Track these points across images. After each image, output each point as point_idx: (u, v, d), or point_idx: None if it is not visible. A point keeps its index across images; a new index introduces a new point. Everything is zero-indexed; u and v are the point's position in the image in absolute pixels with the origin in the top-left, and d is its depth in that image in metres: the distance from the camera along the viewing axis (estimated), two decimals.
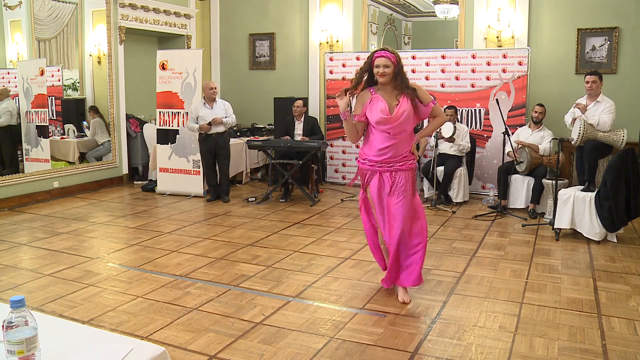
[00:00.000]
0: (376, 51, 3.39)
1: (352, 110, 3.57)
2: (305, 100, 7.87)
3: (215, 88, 6.74)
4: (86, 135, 7.67)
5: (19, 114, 6.98)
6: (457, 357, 2.79)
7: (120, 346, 1.48)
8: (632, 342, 2.95)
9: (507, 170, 6.15)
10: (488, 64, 6.93)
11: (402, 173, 3.44)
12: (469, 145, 6.59)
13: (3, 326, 1.37)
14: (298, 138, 7.04)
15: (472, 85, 7.03)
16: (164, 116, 7.24)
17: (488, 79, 6.93)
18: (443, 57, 7.20)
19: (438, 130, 6.22)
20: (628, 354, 2.82)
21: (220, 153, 6.75)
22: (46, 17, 7.24)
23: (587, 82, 5.30)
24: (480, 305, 3.46)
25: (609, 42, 6.82)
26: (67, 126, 7.58)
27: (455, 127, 6.42)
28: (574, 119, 5.35)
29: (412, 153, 3.49)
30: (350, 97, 3.47)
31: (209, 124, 6.56)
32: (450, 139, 6.44)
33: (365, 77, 3.46)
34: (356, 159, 7.67)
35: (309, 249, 4.72)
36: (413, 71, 7.33)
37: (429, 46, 9.55)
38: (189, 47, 8.71)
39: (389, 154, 3.42)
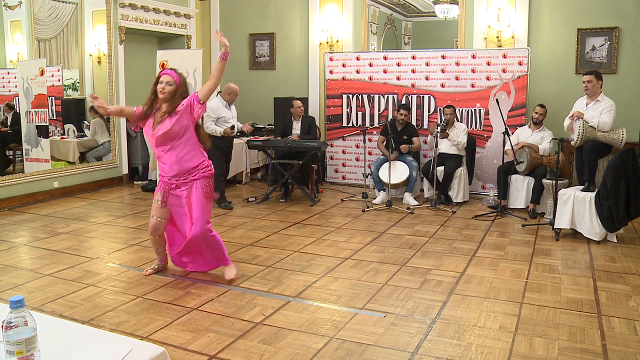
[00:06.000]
0: (164, 69, 3.77)
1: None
2: (305, 101, 7.86)
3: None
4: (86, 135, 7.67)
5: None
6: (457, 357, 2.79)
7: (120, 346, 1.48)
8: (632, 342, 2.95)
9: (507, 170, 6.15)
10: (488, 64, 6.92)
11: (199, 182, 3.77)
12: (465, 141, 6.59)
13: (2, 326, 1.37)
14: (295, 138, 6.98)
15: (472, 85, 7.03)
16: None
17: (488, 79, 6.93)
18: (443, 57, 7.20)
19: (437, 125, 6.41)
20: (628, 354, 2.82)
21: (227, 158, 6.55)
22: (46, 17, 7.24)
23: (584, 82, 5.30)
24: (480, 305, 3.47)
25: (609, 42, 6.82)
26: (67, 126, 7.58)
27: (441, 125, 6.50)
28: (571, 123, 5.33)
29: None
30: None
31: (232, 127, 6.25)
32: (444, 134, 6.47)
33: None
34: (357, 159, 7.72)
35: (309, 249, 4.72)
36: (413, 71, 7.33)
37: (429, 46, 9.54)
38: (189, 47, 8.71)
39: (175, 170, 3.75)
